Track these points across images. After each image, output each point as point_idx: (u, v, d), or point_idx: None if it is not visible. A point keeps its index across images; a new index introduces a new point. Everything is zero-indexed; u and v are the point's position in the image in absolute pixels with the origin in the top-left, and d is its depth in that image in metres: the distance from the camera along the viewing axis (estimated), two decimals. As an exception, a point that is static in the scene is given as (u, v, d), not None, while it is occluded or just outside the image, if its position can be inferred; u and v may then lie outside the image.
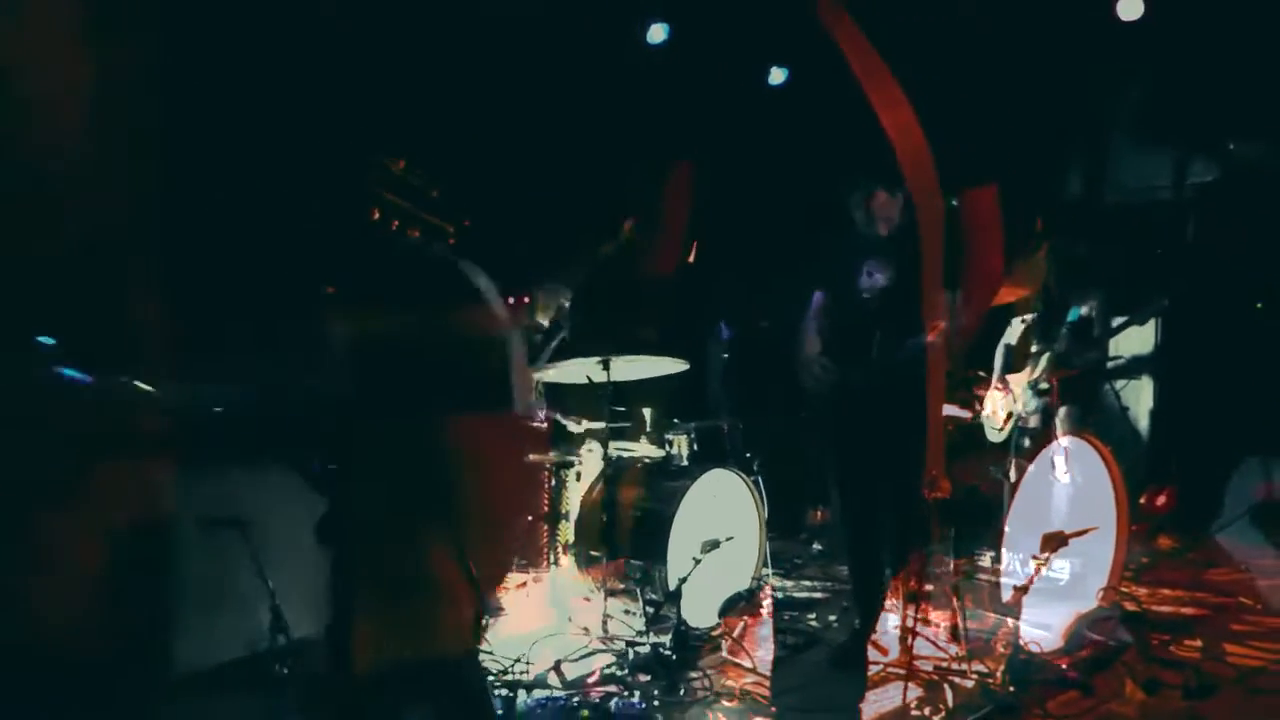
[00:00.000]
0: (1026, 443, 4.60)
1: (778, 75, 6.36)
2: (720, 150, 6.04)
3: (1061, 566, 4.05)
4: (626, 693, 3.35)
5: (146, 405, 2.52)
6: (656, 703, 3.32)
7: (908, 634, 3.46)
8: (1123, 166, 6.52)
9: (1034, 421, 4.61)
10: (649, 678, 3.53)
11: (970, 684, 3.44)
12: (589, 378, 4.20)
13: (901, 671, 3.39)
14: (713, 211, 5.94)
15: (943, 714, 3.25)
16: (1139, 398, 6.19)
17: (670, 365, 4.29)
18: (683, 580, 3.83)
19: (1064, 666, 3.50)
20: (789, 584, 5.01)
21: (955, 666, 3.57)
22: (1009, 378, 4.87)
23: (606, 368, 4.06)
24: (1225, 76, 5.71)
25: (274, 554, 3.15)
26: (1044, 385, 4.51)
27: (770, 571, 4.70)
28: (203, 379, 2.88)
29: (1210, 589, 4.72)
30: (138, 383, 2.53)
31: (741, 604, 4.11)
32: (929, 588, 3.98)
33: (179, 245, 3.11)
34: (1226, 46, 5.57)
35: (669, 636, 3.83)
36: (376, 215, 2.05)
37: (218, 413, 2.92)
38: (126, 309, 2.71)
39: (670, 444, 4.79)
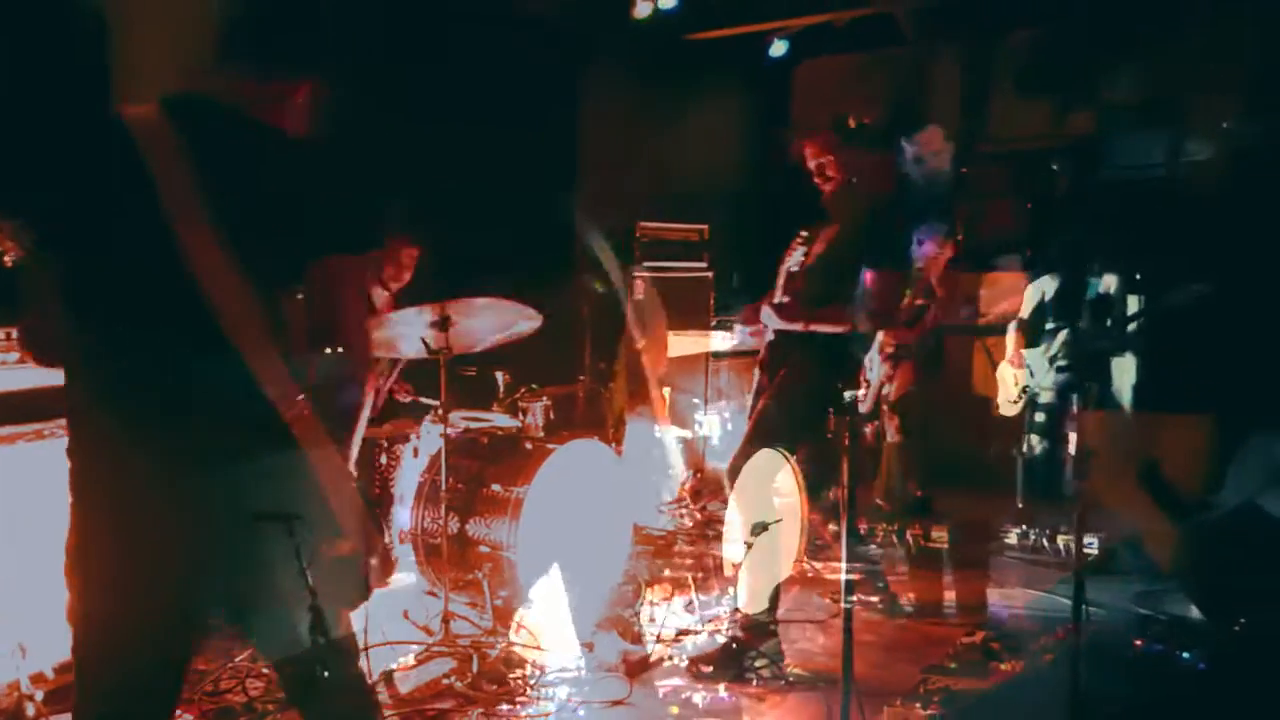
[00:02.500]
0: (1040, 417, 4.62)
1: (779, 48, 6.29)
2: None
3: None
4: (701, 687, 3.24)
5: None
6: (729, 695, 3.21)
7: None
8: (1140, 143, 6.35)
9: (1047, 397, 4.65)
10: (711, 668, 3.35)
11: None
12: (423, 341, 3.52)
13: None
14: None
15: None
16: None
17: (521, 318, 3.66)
18: (738, 565, 3.46)
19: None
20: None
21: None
22: (1023, 352, 4.84)
23: (444, 327, 3.42)
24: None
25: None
26: (1061, 361, 4.48)
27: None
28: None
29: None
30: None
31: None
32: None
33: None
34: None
35: (725, 624, 3.59)
36: None
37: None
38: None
39: (525, 413, 4.25)
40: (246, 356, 1.54)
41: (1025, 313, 5.00)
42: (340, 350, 1.74)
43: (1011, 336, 5.02)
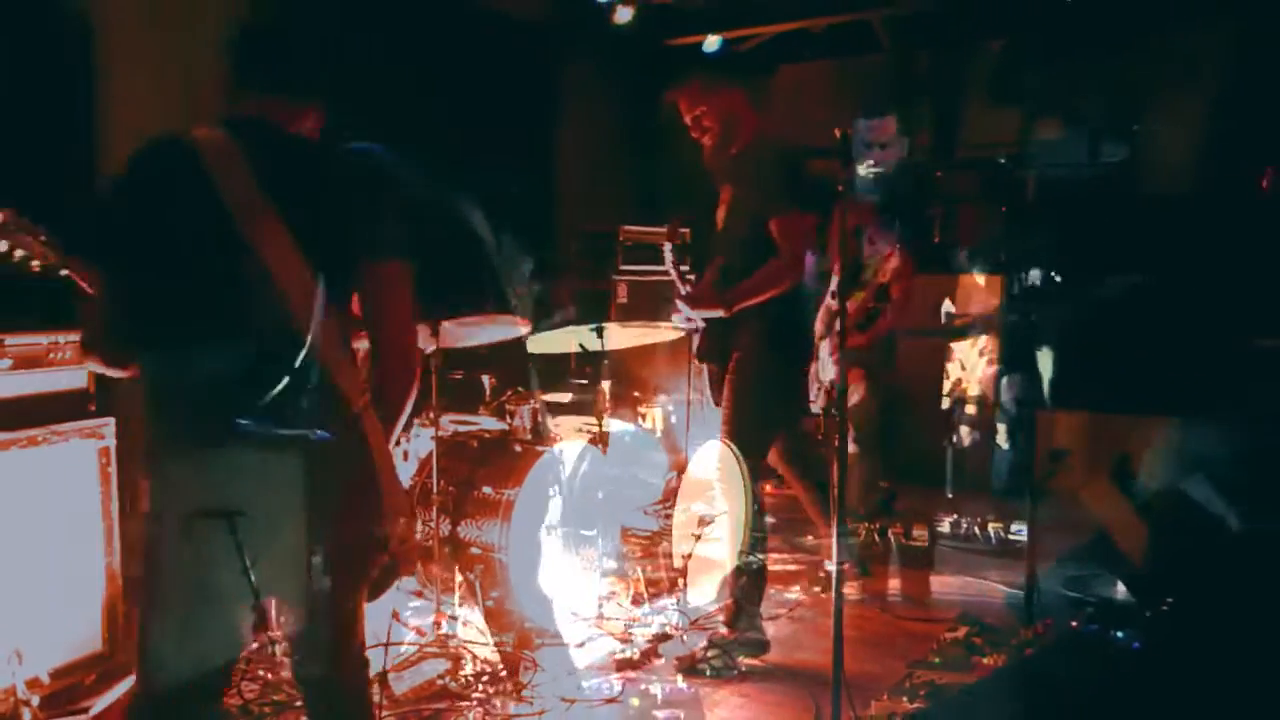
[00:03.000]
0: (970, 410, 4.68)
1: (712, 42, 6.11)
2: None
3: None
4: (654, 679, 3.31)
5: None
6: (690, 688, 3.27)
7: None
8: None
9: (975, 389, 4.70)
10: (662, 659, 3.43)
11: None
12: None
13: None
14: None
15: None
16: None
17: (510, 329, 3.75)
18: (687, 557, 3.54)
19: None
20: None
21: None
22: (952, 345, 4.84)
23: (435, 332, 3.48)
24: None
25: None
26: (989, 354, 4.55)
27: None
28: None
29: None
30: None
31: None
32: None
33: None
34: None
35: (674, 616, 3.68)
36: None
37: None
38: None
39: (512, 415, 4.28)
40: (321, 352, 1.61)
41: (949, 306, 5.05)
42: (392, 348, 1.81)
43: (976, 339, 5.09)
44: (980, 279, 6.26)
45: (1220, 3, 5.61)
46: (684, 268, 4.38)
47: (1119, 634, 3.36)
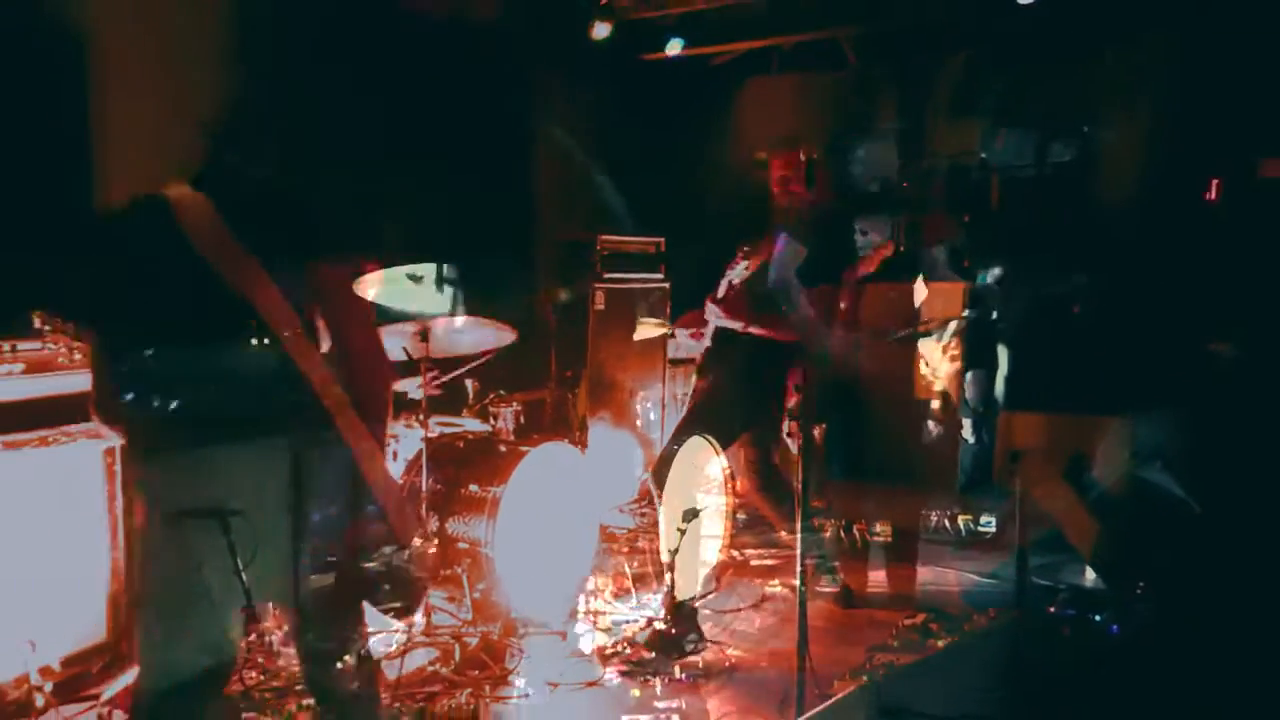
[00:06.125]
0: (935, 405, 4.81)
1: (675, 46, 6.44)
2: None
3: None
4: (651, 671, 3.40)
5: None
6: (688, 677, 3.39)
7: None
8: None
9: (939, 386, 4.84)
10: (654, 653, 3.50)
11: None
12: (405, 350, 3.78)
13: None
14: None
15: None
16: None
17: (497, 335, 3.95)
18: (674, 552, 3.65)
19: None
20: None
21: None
22: (920, 344, 5.02)
23: (425, 338, 3.67)
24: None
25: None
26: (953, 351, 4.70)
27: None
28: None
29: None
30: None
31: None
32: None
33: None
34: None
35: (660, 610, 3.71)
36: None
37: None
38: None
39: (495, 417, 4.47)
40: (294, 357, 1.80)
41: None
42: (355, 351, 1.99)
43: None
44: (944, 283, 6.52)
45: (1167, 19, 5.89)
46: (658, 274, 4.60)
47: (1096, 618, 3.60)
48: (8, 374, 3.05)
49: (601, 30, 6.18)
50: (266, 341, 1.81)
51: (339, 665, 2.07)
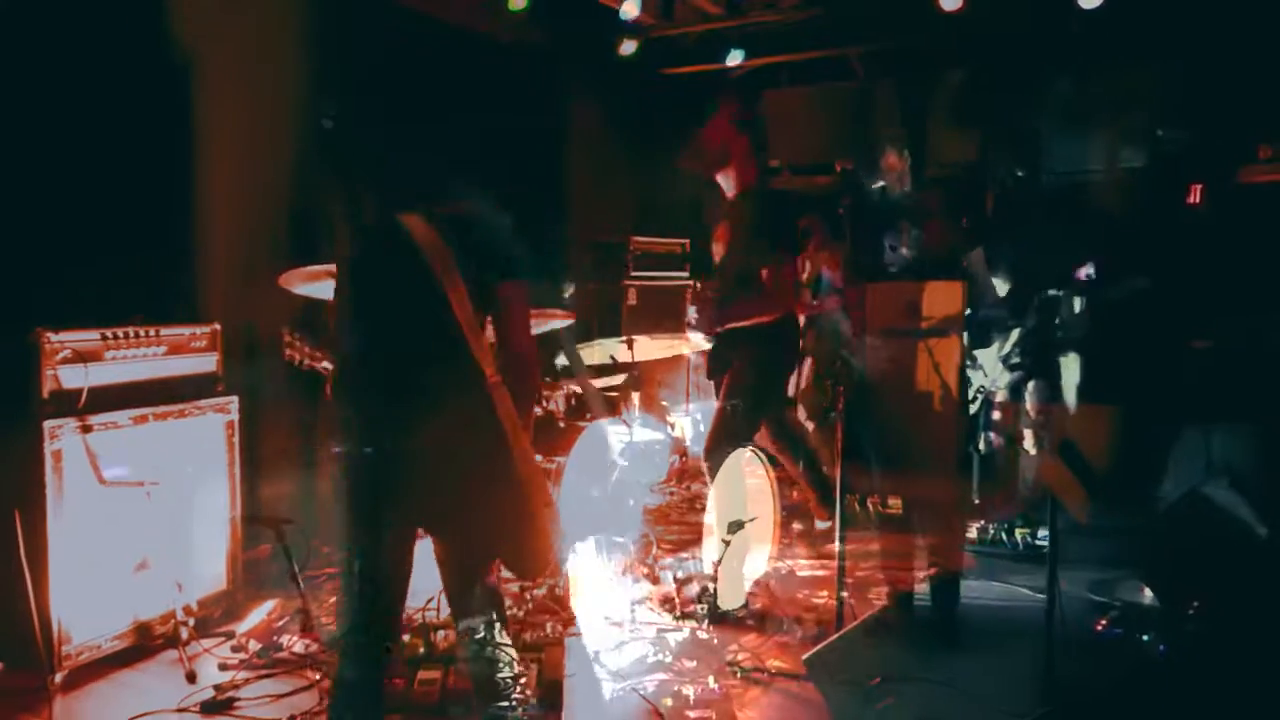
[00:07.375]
0: (996, 415, 4.90)
1: (735, 57, 6.85)
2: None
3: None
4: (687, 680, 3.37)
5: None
6: (720, 689, 3.32)
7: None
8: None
9: (1002, 396, 4.91)
10: (695, 662, 3.53)
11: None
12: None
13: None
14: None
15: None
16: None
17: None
18: (717, 563, 3.84)
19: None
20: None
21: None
22: (977, 352, 4.93)
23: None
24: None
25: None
26: (1014, 360, 4.80)
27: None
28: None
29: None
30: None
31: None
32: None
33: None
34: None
35: (704, 620, 3.85)
36: None
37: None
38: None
39: (547, 400, 4.96)
40: (470, 345, 2.31)
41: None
42: (521, 351, 2.49)
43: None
44: (945, 285, 6.89)
45: (1161, 42, 6.31)
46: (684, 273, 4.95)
47: (1145, 638, 3.49)
48: (154, 355, 3.56)
49: (628, 47, 6.67)
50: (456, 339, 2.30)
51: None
